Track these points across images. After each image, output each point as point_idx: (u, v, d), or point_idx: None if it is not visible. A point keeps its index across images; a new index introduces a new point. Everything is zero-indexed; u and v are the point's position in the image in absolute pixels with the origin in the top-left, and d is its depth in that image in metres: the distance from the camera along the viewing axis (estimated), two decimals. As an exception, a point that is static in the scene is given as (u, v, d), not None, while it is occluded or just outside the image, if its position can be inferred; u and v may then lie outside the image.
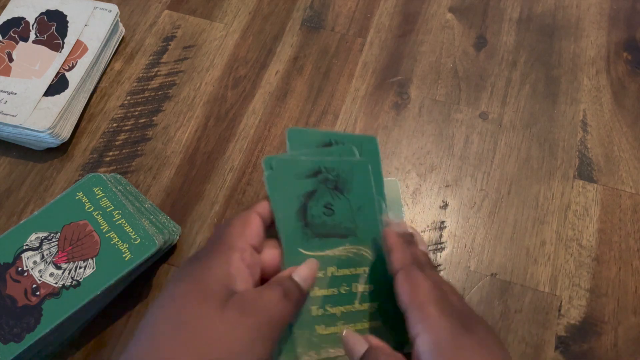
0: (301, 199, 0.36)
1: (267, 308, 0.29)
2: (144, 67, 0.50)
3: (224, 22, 0.53)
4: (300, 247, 0.34)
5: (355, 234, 0.36)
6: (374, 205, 0.37)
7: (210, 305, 0.28)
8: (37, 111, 0.44)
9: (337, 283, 0.34)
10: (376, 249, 0.36)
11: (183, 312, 0.28)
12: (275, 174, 0.36)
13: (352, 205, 0.37)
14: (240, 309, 0.28)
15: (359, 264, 0.35)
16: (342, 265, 0.35)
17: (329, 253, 0.35)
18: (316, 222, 0.35)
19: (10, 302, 0.35)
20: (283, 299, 0.30)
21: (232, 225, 0.32)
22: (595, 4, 0.53)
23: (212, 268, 0.29)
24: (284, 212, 0.35)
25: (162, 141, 0.46)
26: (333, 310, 0.34)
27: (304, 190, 0.36)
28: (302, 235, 0.35)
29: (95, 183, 0.39)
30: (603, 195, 0.43)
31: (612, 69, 0.49)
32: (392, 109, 0.48)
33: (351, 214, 0.36)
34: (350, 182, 0.37)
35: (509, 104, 0.48)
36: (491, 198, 0.43)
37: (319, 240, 0.35)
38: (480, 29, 0.52)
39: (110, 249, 0.37)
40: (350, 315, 0.34)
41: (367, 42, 0.51)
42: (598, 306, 0.39)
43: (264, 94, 0.48)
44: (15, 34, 0.48)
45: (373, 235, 0.36)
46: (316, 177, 0.37)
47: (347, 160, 0.38)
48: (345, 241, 0.36)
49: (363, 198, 0.37)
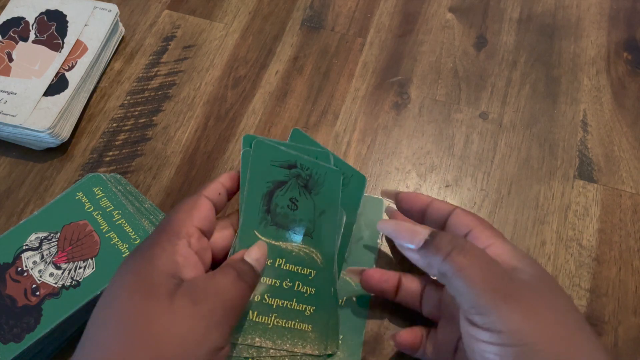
0: (270, 185, 0.36)
1: (220, 292, 0.27)
2: (143, 67, 0.50)
3: (224, 22, 0.53)
4: (256, 230, 0.34)
5: (311, 235, 0.36)
6: (336, 214, 0.38)
7: (157, 298, 0.26)
8: (37, 111, 0.44)
9: (281, 276, 0.34)
10: (327, 256, 0.36)
11: (128, 309, 0.26)
12: (253, 152, 0.36)
13: (316, 207, 0.37)
14: (190, 298, 0.27)
15: (308, 265, 0.35)
16: (290, 261, 0.35)
17: (282, 245, 0.35)
18: (278, 211, 0.35)
19: (10, 302, 0.35)
20: (237, 281, 0.28)
21: (177, 211, 0.31)
22: (595, 4, 0.53)
23: (157, 258, 0.28)
24: (250, 192, 0.35)
25: (162, 141, 0.46)
26: (270, 301, 0.33)
27: (275, 177, 0.36)
28: (261, 218, 0.35)
29: (95, 183, 0.39)
30: (603, 195, 0.43)
31: (612, 69, 0.49)
32: (392, 109, 0.48)
33: (313, 216, 0.37)
34: (320, 185, 0.38)
35: (509, 104, 0.48)
36: (491, 198, 0.43)
37: (276, 229, 0.35)
38: (480, 29, 0.52)
39: (110, 249, 0.37)
40: (285, 311, 0.34)
41: (367, 42, 0.51)
42: (598, 306, 0.39)
43: (264, 94, 0.48)
44: (15, 34, 0.48)
45: (328, 242, 0.37)
46: (290, 170, 0.37)
47: (323, 165, 0.38)
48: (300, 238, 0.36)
49: (328, 205, 0.37)
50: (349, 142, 0.46)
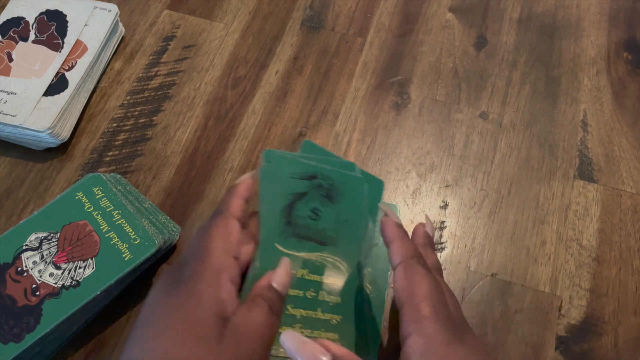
0: (290, 197, 0.36)
1: (258, 331, 0.28)
2: (143, 67, 0.50)
3: (224, 22, 0.53)
4: (277, 243, 0.34)
5: (335, 244, 0.36)
6: (361, 222, 0.37)
7: (206, 342, 0.26)
8: (37, 111, 0.44)
9: (304, 286, 0.34)
10: (352, 264, 0.36)
11: (174, 350, 0.25)
12: (271, 167, 0.36)
13: (339, 216, 0.37)
14: (235, 340, 0.26)
15: (332, 275, 0.35)
16: (313, 271, 0.35)
17: (304, 256, 0.35)
18: (299, 222, 0.35)
19: (10, 302, 0.35)
20: (270, 315, 0.28)
21: (212, 237, 0.30)
22: (595, 4, 0.53)
23: (201, 295, 0.27)
24: (269, 205, 0.35)
25: (162, 141, 0.46)
26: (294, 312, 0.33)
27: (295, 189, 0.36)
28: (281, 231, 0.35)
29: (95, 183, 0.39)
30: (603, 195, 0.43)
31: (612, 68, 0.49)
32: (392, 108, 0.48)
33: (336, 224, 0.36)
34: (342, 194, 0.37)
35: (509, 104, 0.48)
36: (491, 198, 0.43)
37: (297, 240, 0.35)
38: (480, 28, 0.52)
39: (110, 249, 0.37)
40: (310, 321, 0.33)
41: (367, 42, 0.51)
42: (598, 306, 0.39)
43: (264, 94, 0.48)
44: (15, 34, 0.48)
45: (352, 250, 0.36)
46: (310, 181, 0.37)
47: (345, 173, 0.38)
48: (324, 249, 0.35)
49: (352, 213, 0.37)
50: (349, 142, 0.46)
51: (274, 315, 0.29)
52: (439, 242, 0.42)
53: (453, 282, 0.40)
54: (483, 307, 0.39)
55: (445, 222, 0.42)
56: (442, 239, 0.42)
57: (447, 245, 0.41)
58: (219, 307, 0.27)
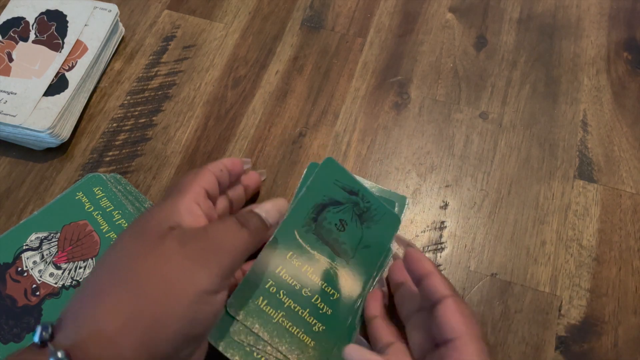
0: (325, 199, 0.38)
1: (212, 236, 0.27)
2: (143, 67, 0.50)
3: (224, 22, 0.53)
4: (297, 230, 0.36)
5: (348, 262, 0.36)
6: (380, 256, 0.38)
7: (146, 240, 0.27)
8: (37, 111, 0.44)
9: (304, 282, 0.35)
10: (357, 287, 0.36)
11: (118, 252, 0.27)
12: (321, 165, 0.39)
13: (363, 239, 0.38)
14: (179, 240, 0.26)
15: (334, 286, 0.35)
16: (318, 273, 0.35)
17: (315, 255, 0.36)
18: (324, 225, 0.37)
19: (10, 302, 0.35)
20: (235, 226, 0.28)
21: (183, 178, 0.31)
22: (595, 4, 0.53)
23: (159, 209, 0.28)
24: (304, 196, 0.37)
25: (162, 141, 0.46)
26: (283, 298, 0.34)
27: (333, 195, 0.38)
28: (305, 223, 0.36)
29: (95, 183, 0.39)
30: (603, 195, 0.43)
31: (612, 68, 0.49)
32: (392, 108, 0.48)
33: (357, 245, 0.37)
34: (375, 222, 0.39)
35: (509, 104, 0.48)
36: (491, 198, 0.43)
37: (315, 239, 0.36)
38: (480, 28, 0.52)
39: (110, 249, 0.36)
40: (293, 315, 0.34)
41: (367, 42, 0.51)
42: (598, 306, 0.39)
43: (264, 94, 0.48)
44: (15, 34, 0.48)
45: (362, 275, 0.37)
46: (350, 195, 0.39)
47: (385, 205, 0.40)
48: (336, 259, 0.36)
49: (376, 243, 0.38)
50: (349, 142, 0.46)
51: (243, 229, 0.28)
52: (439, 242, 0.42)
53: (453, 282, 0.40)
54: (483, 307, 0.39)
55: (445, 222, 0.42)
56: (442, 239, 0.42)
57: (447, 245, 0.41)
58: (172, 218, 0.28)
